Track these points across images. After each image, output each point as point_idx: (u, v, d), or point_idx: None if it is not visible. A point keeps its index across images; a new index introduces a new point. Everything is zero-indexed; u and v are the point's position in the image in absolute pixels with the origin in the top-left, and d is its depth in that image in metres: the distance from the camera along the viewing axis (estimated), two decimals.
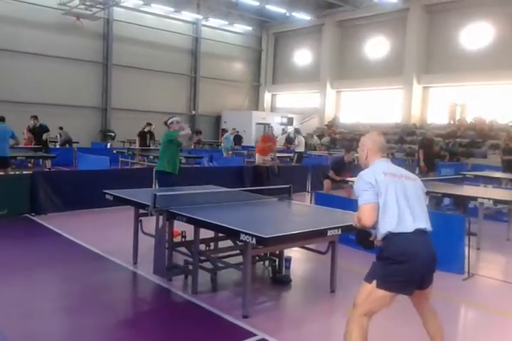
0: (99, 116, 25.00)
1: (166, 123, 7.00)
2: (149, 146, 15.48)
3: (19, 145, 10.65)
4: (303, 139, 16.81)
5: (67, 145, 18.66)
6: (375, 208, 2.96)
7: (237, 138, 24.32)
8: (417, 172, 12.13)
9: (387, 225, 2.96)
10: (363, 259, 6.16)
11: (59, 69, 22.86)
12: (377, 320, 3.20)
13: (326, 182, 9.97)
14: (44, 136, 13.30)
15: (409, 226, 2.95)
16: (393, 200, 2.97)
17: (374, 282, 2.97)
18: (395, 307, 3.26)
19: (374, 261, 3.08)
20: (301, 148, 16.35)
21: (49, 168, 12.96)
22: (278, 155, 17.17)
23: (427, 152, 12.10)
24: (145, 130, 15.70)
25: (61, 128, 19.41)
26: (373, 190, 2.98)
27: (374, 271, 3.03)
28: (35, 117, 13.58)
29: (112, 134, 24.02)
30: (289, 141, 25.27)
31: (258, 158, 13.81)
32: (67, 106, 23.11)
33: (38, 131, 13.51)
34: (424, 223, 3.03)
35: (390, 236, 2.96)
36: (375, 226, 3.02)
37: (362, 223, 2.98)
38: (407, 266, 2.91)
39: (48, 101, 22.36)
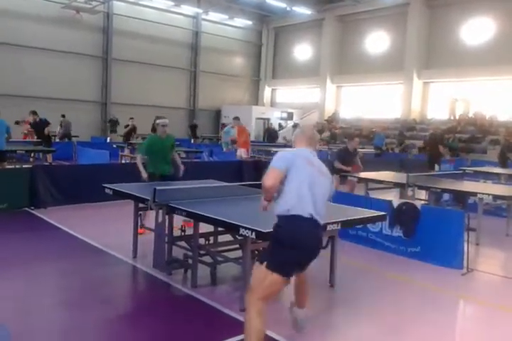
0: (99, 111, 24.96)
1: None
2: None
3: (10, 140, 10.58)
4: None
5: (65, 139, 18.27)
6: (278, 174, 3.18)
7: None
8: (436, 168, 12.23)
9: (287, 203, 3.18)
10: (363, 254, 6.20)
11: (59, 63, 22.79)
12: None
13: (335, 179, 9.61)
14: (46, 130, 13.26)
15: (306, 211, 3.16)
16: (300, 183, 3.20)
17: (264, 263, 3.15)
18: None
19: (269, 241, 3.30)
20: None
21: (50, 162, 12.96)
22: (277, 150, 17.17)
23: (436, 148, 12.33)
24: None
25: (63, 116, 18.86)
26: (286, 163, 3.23)
27: (266, 252, 3.29)
28: (34, 113, 13.54)
29: (114, 119, 22.05)
30: (271, 134, 25.36)
31: (243, 153, 13.71)
32: (67, 101, 23.05)
33: (39, 126, 13.46)
34: (319, 216, 3.25)
35: (285, 217, 3.19)
36: (277, 193, 3.26)
37: (263, 181, 3.20)
38: (295, 252, 3.13)
39: (47, 95, 22.31)
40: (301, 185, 3.20)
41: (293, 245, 3.12)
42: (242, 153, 13.85)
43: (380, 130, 21.21)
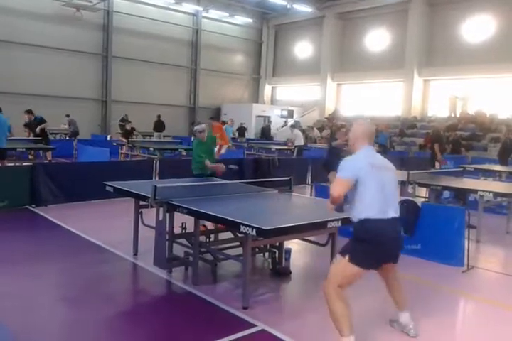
0: (99, 108, 24.94)
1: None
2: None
3: (13, 137, 10.65)
4: (299, 133, 16.49)
5: (73, 138, 18.03)
6: (345, 185, 3.33)
7: (241, 130, 24.37)
8: (437, 166, 12.23)
9: (364, 211, 3.36)
10: None
11: (59, 60, 22.77)
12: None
13: (332, 175, 9.59)
14: (38, 129, 13.25)
15: (383, 214, 3.36)
16: (372, 190, 3.35)
17: (347, 256, 3.36)
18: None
19: (350, 239, 3.49)
20: (300, 142, 16.08)
21: (49, 160, 12.96)
22: (278, 147, 17.20)
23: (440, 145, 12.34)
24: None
25: (68, 115, 18.83)
26: (353, 173, 3.35)
27: (348, 247, 3.44)
28: (28, 111, 13.55)
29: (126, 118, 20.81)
30: (265, 132, 25.63)
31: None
32: (66, 98, 23.03)
33: (33, 124, 13.48)
34: (394, 211, 3.43)
35: (365, 221, 3.35)
36: (348, 202, 3.47)
37: (331, 191, 3.35)
38: (376, 248, 3.35)
39: (47, 93, 22.30)
40: (373, 190, 3.35)
41: (374, 243, 3.34)
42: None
43: (384, 129, 21.12)
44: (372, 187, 3.34)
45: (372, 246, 3.33)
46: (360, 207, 3.38)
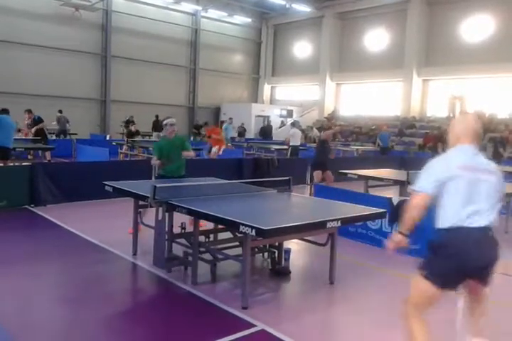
0: (98, 108, 24.94)
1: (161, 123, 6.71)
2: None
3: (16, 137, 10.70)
4: (299, 132, 16.04)
5: (61, 136, 17.87)
6: (424, 200, 2.89)
7: (241, 132, 24.47)
8: None
9: (447, 217, 2.89)
10: (362, 251, 6.20)
11: (57, 60, 22.76)
12: None
13: (317, 174, 9.61)
14: (33, 129, 13.25)
15: (469, 222, 2.86)
16: (458, 194, 2.86)
17: (423, 272, 2.96)
18: None
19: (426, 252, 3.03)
20: (296, 142, 15.47)
21: (49, 160, 12.94)
22: (277, 147, 17.16)
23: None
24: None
25: (60, 111, 18.31)
26: (435, 180, 2.88)
27: (424, 262, 3.01)
28: (29, 111, 13.52)
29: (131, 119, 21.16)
30: (266, 131, 25.70)
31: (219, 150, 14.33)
32: (66, 98, 23.02)
33: (33, 124, 13.48)
34: (486, 220, 2.94)
35: (446, 230, 2.90)
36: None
37: (406, 209, 2.95)
38: (454, 263, 2.84)
39: (46, 92, 22.30)
40: (459, 195, 2.86)
41: (452, 256, 2.86)
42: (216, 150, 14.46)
43: (384, 129, 21.13)
44: (458, 192, 2.85)
45: (449, 260, 2.84)
46: (442, 214, 2.92)
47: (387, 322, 3.99)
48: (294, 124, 16.94)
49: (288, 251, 5.41)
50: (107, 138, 20.53)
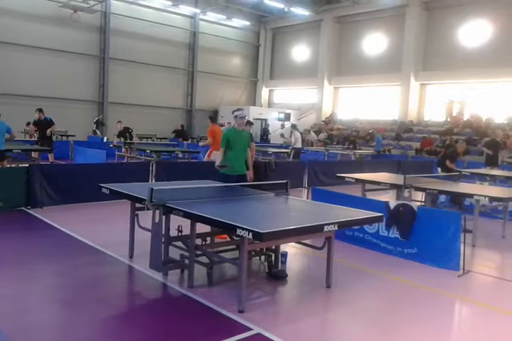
0: (96, 110, 24.91)
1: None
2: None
3: (14, 139, 10.59)
4: (300, 135, 16.59)
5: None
6: None
7: None
8: (439, 171, 12.22)
9: None
10: (359, 255, 6.20)
11: (55, 62, 22.76)
12: None
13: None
14: (48, 131, 13.13)
15: None
16: None
17: None
18: None
19: None
20: (298, 144, 16.19)
21: (52, 161, 12.91)
22: (274, 150, 17.21)
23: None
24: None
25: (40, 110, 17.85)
26: None
27: None
28: (40, 110, 13.41)
29: (100, 120, 22.85)
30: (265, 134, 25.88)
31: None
32: (63, 100, 23.01)
33: (42, 124, 13.35)
34: None
35: None
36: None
37: None
38: None
39: (44, 94, 22.27)
40: None
41: None
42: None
43: (380, 132, 21.26)
44: None
45: None
46: None
47: (384, 325, 3.99)
48: (295, 127, 17.11)
49: (285, 255, 5.41)
50: (104, 140, 20.53)
